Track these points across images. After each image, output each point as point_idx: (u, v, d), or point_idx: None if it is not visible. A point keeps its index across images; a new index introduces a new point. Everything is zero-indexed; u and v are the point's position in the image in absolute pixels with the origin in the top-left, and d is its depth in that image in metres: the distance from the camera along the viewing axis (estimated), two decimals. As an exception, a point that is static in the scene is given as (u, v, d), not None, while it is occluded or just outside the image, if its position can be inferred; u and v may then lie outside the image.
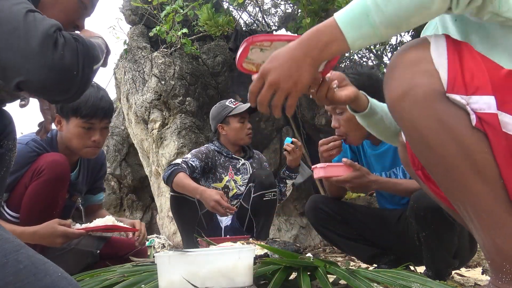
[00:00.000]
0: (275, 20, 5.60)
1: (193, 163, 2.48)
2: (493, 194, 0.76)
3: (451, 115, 0.76)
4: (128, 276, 1.20)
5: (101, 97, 1.78)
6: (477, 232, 0.81)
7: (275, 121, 4.43)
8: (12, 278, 0.68)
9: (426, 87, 0.77)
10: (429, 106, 0.77)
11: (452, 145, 0.76)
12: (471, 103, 0.74)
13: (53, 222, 1.58)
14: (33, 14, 0.87)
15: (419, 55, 0.79)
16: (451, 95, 0.75)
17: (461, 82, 0.74)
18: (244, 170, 2.72)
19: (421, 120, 0.78)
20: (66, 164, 1.70)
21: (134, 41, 4.38)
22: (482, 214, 0.77)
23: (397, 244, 1.81)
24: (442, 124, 0.76)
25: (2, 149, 1.18)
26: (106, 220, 1.72)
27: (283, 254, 1.27)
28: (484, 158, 0.75)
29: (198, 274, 0.96)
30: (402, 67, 0.80)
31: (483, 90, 0.73)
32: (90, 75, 0.94)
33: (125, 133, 4.93)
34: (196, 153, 2.59)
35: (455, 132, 0.75)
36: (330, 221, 1.89)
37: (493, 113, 0.73)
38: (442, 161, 0.79)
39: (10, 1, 0.87)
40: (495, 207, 0.76)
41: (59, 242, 1.59)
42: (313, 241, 4.10)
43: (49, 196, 1.66)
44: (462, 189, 0.78)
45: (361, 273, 1.15)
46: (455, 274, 1.86)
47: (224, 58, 4.34)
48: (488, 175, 0.75)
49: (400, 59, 0.82)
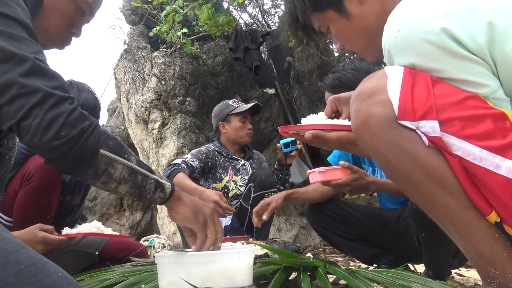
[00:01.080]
0: (275, 20, 5.61)
1: (193, 163, 2.48)
2: (460, 203, 0.80)
3: (406, 138, 0.81)
4: (128, 276, 1.20)
5: (82, 103, 1.68)
6: (459, 242, 0.85)
7: (275, 121, 4.44)
8: (12, 279, 0.68)
9: (381, 116, 0.82)
10: (385, 133, 0.83)
11: (413, 165, 0.82)
12: (420, 127, 0.80)
13: (34, 227, 1.52)
14: None
15: (375, 86, 0.85)
16: (401, 121, 0.81)
17: (410, 109, 0.80)
18: (244, 171, 2.73)
19: (381, 147, 0.84)
20: None
21: (134, 41, 4.38)
22: (457, 224, 0.82)
23: (396, 244, 1.81)
24: (399, 147, 0.82)
25: (2, 148, 1.17)
26: (90, 227, 1.68)
27: (283, 254, 1.27)
28: (444, 172, 0.80)
29: (198, 274, 0.96)
30: (360, 100, 0.87)
31: (429, 116, 0.79)
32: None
33: (125, 133, 4.93)
34: (196, 153, 2.59)
35: (412, 153, 0.81)
36: (330, 222, 1.89)
37: (437, 136, 0.79)
38: (408, 181, 0.85)
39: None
40: (466, 215, 0.80)
41: (39, 249, 1.49)
42: (313, 241, 4.10)
43: (40, 201, 1.63)
44: (433, 204, 0.84)
45: (361, 273, 1.15)
46: (455, 274, 1.86)
47: (224, 58, 4.35)
48: (451, 187, 0.80)
49: (359, 92, 0.88)
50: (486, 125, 0.78)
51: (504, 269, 0.80)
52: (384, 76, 0.85)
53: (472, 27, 0.79)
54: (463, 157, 0.78)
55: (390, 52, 0.87)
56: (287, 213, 4.19)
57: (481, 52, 0.80)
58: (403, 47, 0.85)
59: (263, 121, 4.38)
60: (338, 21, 1.10)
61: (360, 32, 1.09)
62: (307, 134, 1.11)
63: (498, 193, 0.77)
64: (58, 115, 0.84)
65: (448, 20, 0.80)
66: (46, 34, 1.13)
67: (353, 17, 1.07)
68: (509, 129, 0.78)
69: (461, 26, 0.79)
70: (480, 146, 0.77)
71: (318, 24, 1.15)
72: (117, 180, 0.94)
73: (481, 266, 0.83)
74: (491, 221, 0.80)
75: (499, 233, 0.81)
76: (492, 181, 0.76)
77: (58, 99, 0.85)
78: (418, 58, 0.83)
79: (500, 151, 0.76)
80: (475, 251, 0.82)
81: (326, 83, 1.93)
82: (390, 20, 0.87)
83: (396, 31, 0.85)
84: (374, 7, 1.04)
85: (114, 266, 1.47)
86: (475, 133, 0.77)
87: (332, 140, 1.10)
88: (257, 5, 5.15)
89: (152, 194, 1.01)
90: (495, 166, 0.76)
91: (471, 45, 0.79)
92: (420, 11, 0.84)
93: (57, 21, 1.12)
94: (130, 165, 0.96)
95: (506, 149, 0.76)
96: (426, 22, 0.82)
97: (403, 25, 0.84)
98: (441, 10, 0.82)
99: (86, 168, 0.90)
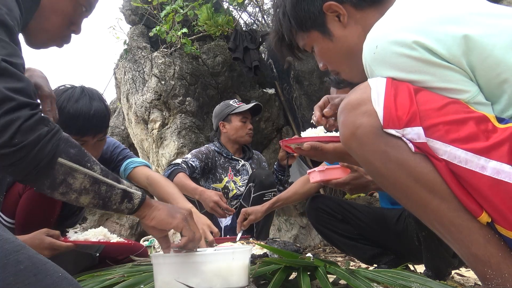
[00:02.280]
0: (275, 20, 5.59)
1: (193, 163, 2.48)
2: (451, 207, 0.81)
3: (393, 146, 0.83)
4: (128, 277, 1.20)
5: (94, 113, 1.59)
6: (453, 246, 0.85)
7: (275, 121, 4.44)
8: (12, 279, 0.68)
9: (367, 126, 0.85)
10: (372, 142, 0.85)
11: (401, 172, 0.83)
12: (406, 135, 0.82)
13: (40, 232, 1.49)
14: None
15: (360, 98, 0.87)
16: (387, 130, 0.83)
17: (394, 117, 0.82)
18: (243, 171, 2.73)
19: (369, 156, 0.87)
20: None
21: (134, 41, 4.38)
22: (449, 227, 0.82)
23: (397, 244, 1.81)
24: (387, 155, 0.84)
25: None
26: (97, 233, 1.66)
27: (283, 254, 1.27)
28: (432, 177, 0.81)
29: (193, 274, 0.96)
30: (346, 112, 0.89)
31: (413, 122, 0.81)
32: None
33: (125, 133, 4.93)
34: (196, 153, 2.59)
35: (399, 160, 0.83)
36: (331, 221, 1.89)
37: (423, 142, 0.80)
38: (398, 188, 0.86)
39: None
40: (457, 218, 0.81)
41: (46, 254, 1.45)
42: (313, 241, 4.10)
43: (44, 205, 1.61)
44: (424, 209, 0.85)
45: (361, 273, 1.15)
46: (455, 274, 1.86)
47: (224, 58, 4.34)
48: (440, 191, 0.81)
49: (345, 105, 0.90)
50: (469, 128, 0.79)
51: (500, 269, 0.80)
52: (368, 87, 0.87)
53: (447, 39, 0.82)
54: (449, 160, 0.79)
55: (371, 67, 0.90)
56: (287, 213, 4.19)
57: (457, 61, 0.82)
58: (382, 62, 0.87)
59: (263, 121, 4.38)
60: (322, 42, 1.13)
61: (343, 53, 1.12)
62: (306, 145, 1.15)
63: (486, 194, 0.78)
64: (13, 121, 0.79)
65: (421, 34, 0.83)
66: (47, 33, 1.13)
67: (336, 39, 1.10)
68: (491, 131, 0.79)
69: (436, 38, 0.82)
70: (465, 149, 0.78)
71: (302, 43, 1.18)
72: (77, 191, 0.89)
73: (477, 268, 0.83)
74: (482, 221, 0.80)
75: (492, 233, 0.81)
76: (479, 182, 0.78)
77: (17, 104, 0.80)
78: (397, 72, 0.86)
79: (484, 152, 0.78)
80: (469, 253, 0.82)
81: (331, 78, 2.00)
82: (369, 37, 0.90)
83: (374, 47, 0.88)
84: (356, 30, 1.07)
85: (114, 266, 1.47)
86: (459, 137, 0.79)
87: (329, 151, 1.13)
88: (257, 5, 5.15)
89: (118, 205, 0.97)
90: (481, 168, 0.77)
91: (446, 54, 0.82)
92: (395, 27, 0.87)
93: (58, 20, 1.12)
94: (93, 175, 0.91)
95: (490, 151, 0.77)
96: (399, 36, 0.84)
97: (379, 41, 0.87)
98: (414, 25, 0.85)
99: (43, 177, 0.85)
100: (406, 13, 0.89)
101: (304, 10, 1.11)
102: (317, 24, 1.10)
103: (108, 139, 1.90)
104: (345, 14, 1.07)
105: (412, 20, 0.87)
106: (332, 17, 1.08)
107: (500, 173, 0.76)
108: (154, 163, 4.01)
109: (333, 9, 1.07)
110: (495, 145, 0.77)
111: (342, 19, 1.07)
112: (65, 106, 1.55)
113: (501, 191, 0.76)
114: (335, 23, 1.09)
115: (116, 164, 1.89)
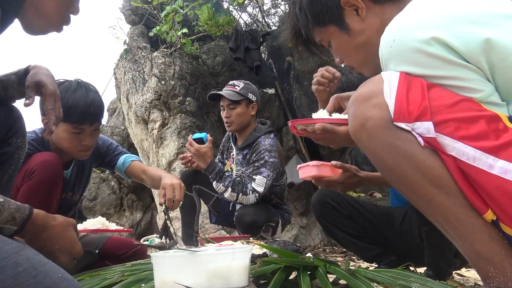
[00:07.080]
0: (275, 20, 5.60)
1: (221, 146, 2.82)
2: (457, 203, 0.81)
3: (402, 140, 0.83)
4: (128, 275, 1.20)
5: (91, 102, 1.69)
6: (457, 242, 0.85)
7: (275, 121, 4.43)
8: (11, 281, 0.68)
9: (377, 119, 0.85)
10: (382, 135, 0.85)
11: (409, 165, 0.83)
12: (415, 129, 0.82)
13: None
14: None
15: (372, 90, 0.87)
16: (397, 123, 0.83)
17: (405, 111, 0.82)
18: (237, 160, 2.69)
19: (378, 148, 0.87)
20: (58, 164, 1.67)
21: (134, 41, 4.38)
22: (454, 223, 0.83)
23: (399, 244, 1.81)
24: (396, 148, 0.84)
25: (11, 147, 1.16)
26: (95, 222, 1.68)
27: (283, 254, 1.27)
28: (440, 172, 0.81)
29: (193, 274, 0.96)
30: (357, 104, 0.89)
31: (424, 117, 0.81)
32: None
33: (125, 133, 4.93)
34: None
35: (408, 153, 0.83)
36: (336, 216, 1.87)
37: (432, 137, 0.80)
38: (404, 181, 0.86)
39: None
40: (462, 214, 0.81)
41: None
42: (313, 241, 4.10)
43: (42, 197, 1.62)
44: (429, 204, 0.85)
45: (361, 273, 1.15)
46: (455, 274, 1.86)
47: (224, 58, 4.34)
48: (447, 186, 0.81)
49: (356, 96, 0.90)
50: (480, 126, 0.79)
51: (503, 268, 0.80)
52: (381, 80, 0.87)
53: (466, 36, 0.81)
54: (457, 157, 0.79)
55: (386, 61, 0.90)
56: (287, 213, 4.18)
57: (474, 58, 0.81)
58: (398, 57, 0.87)
59: (263, 121, 4.37)
60: (339, 36, 1.13)
61: (360, 48, 1.11)
62: (318, 125, 1.13)
63: (492, 192, 0.78)
64: None
65: (440, 30, 0.82)
66: (47, 19, 1.13)
67: (354, 33, 1.09)
68: (502, 130, 0.79)
69: (455, 35, 0.81)
70: (474, 147, 0.78)
71: (319, 38, 1.18)
72: None
73: (479, 266, 0.83)
74: (487, 219, 0.80)
75: (496, 231, 0.81)
76: (486, 181, 0.78)
77: None
78: (412, 67, 0.85)
79: (493, 151, 0.77)
80: (473, 250, 0.82)
81: (339, 85, 1.99)
82: (387, 30, 0.89)
83: (391, 41, 0.87)
84: (374, 23, 1.06)
85: (114, 266, 1.47)
86: (469, 134, 0.79)
87: (341, 134, 1.11)
88: (257, 5, 5.15)
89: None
90: (489, 166, 0.77)
91: (464, 51, 0.81)
92: (414, 22, 0.86)
93: (57, 5, 1.12)
94: None
95: (499, 150, 0.77)
96: (418, 31, 0.84)
97: (397, 35, 0.86)
98: (434, 21, 0.84)
99: None
100: (426, 9, 0.88)
101: (321, 4, 1.10)
102: (334, 18, 1.10)
103: (103, 137, 2.03)
104: (364, 8, 1.06)
105: (432, 16, 0.86)
106: (350, 10, 1.07)
107: (507, 173, 0.76)
108: (154, 163, 4.01)
109: (351, 3, 1.06)
110: (505, 145, 0.77)
111: (360, 13, 1.07)
112: (63, 96, 1.58)
113: (508, 190, 0.76)
114: (353, 16, 1.08)
115: (112, 158, 2.02)
